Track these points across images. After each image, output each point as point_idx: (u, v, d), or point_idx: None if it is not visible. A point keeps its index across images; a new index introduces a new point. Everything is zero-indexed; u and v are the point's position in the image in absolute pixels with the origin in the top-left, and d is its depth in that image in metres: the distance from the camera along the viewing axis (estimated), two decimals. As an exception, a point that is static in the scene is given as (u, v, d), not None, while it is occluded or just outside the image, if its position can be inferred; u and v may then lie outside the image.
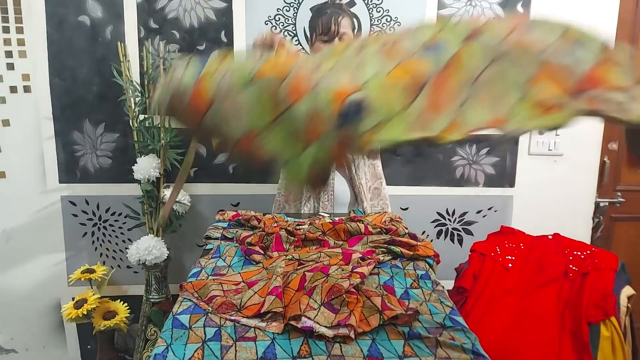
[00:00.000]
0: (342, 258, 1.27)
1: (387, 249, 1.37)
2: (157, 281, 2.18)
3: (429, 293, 1.16)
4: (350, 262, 1.24)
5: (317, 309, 1.01)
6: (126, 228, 2.33)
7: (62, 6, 2.10)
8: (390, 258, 1.35)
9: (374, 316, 1.00)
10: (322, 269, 1.17)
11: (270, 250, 1.35)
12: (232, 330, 0.99)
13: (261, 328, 1.00)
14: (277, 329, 0.99)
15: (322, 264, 1.23)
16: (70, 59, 2.15)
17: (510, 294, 1.78)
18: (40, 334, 2.40)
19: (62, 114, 2.19)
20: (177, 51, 2.17)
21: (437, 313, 1.06)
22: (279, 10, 2.16)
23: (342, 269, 1.19)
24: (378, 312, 1.00)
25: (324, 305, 1.02)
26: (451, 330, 0.99)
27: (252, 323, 1.02)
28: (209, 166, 2.29)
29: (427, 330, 0.98)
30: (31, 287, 2.34)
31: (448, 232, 2.41)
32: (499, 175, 2.36)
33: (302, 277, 1.15)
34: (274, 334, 0.98)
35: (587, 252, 1.77)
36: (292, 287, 1.12)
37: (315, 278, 1.13)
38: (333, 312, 1.00)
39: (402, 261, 1.33)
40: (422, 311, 1.06)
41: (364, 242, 1.40)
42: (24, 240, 2.29)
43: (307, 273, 1.16)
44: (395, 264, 1.32)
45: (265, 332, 0.98)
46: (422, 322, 1.01)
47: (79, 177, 2.26)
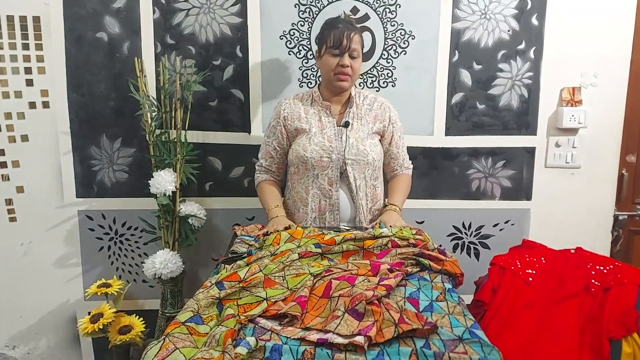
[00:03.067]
0: (370, 269, 1.28)
1: (416, 261, 1.38)
2: (172, 295, 2.18)
3: (454, 306, 1.16)
4: (378, 273, 1.26)
5: (341, 317, 1.03)
6: (142, 242, 2.33)
7: (81, 23, 2.13)
8: (418, 270, 1.36)
9: (389, 329, 1.00)
10: (348, 279, 1.20)
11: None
12: (251, 332, 1.02)
13: (276, 331, 1.02)
14: (290, 334, 1.01)
15: (350, 273, 1.25)
16: (88, 74, 2.18)
17: (530, 308, 1.76)
18: (56, 348, 2.40)
19: (79, 129, 2.21)
20: (193, 66, 2.19)
21: (458, 326, 1.06)
22: (293, 25, 2.18)
23: (368, 280, 1.21)
24: (394, 325, 1.01)
25: (348, 312, 1.04)
26: (468, 342, 0.99)
27: (269, 325, 1.04)
28: (224, 180, 2.30)
29: (444, 343, 0.98)
30: (47, 301, 2.34)
31: (464, 246, 2.38)
32: (516, 188, 2.33)
33: (328, 284, 1.18)
34: (287, 338, 0.99)
35: (610, 266, 1.74)
36: (316, 294, 1.16)
37: (340, 287, 1.15)
38: (357, 318, 1.02)
39: (430, 273, 1.34)
40: (442, 324, 1.06)
41: (393, 254, 1.41)
42: (41, 254, 2.30)
43: (334, 281, 1.19)
44: (423, 275, 1.33)
45: (280, 336, 1.00)
46: (440, 335, 1.01)
47: (95, 192, 2.27)
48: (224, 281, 1.21)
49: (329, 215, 1.78)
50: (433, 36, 2.20)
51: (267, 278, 1.23)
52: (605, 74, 2.23)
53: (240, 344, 0.92)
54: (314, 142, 1.76)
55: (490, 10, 2.18)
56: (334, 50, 1.73)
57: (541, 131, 2.29)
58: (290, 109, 1.83)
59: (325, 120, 1.81)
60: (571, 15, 2.18)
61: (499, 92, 2.25)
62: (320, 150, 1.75)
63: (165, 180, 2.05)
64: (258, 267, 1.27)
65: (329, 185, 1.77)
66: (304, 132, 1.79)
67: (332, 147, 1.76)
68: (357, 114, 1.83)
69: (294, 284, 1.21)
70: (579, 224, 2.36)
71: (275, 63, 2.21)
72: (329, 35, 1.73)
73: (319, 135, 1.77)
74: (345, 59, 1.72)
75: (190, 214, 2.13)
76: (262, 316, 1.08)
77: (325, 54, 1.75)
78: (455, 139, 2.28)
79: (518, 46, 2.21)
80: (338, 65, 1.73)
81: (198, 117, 2.21)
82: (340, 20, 1.79)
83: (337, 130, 1.79)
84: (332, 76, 1.75)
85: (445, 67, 2.22)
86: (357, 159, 1.77)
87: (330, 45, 1.73)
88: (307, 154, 1.75)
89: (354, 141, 1.78)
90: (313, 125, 1.80)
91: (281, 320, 1.07)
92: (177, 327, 1.01)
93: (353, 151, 1.77)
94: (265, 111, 2.23)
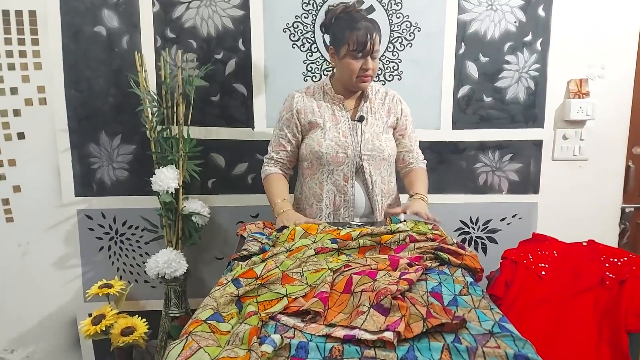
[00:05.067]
0: (389, 264, 1.25)
1: (435, 255, 1.35)
2: (176, 295, 2.13)
3: (479, 300, 1.12)
4: (397, 268, 1.23)
5: (367, 312, 1.00)
6: (144, 241, 2.28)
7: (78, 17, 2.08)
8: (438, 264, 1.32)
9: (417, 323, 0.97)
10: (369, 274, 1.17)
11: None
12: (273, 330, 0.99)
13: (299, 328, 0.99)
14: (314, 330, 0.98)
15: (370, 268, 1.22)
16: (86, 70, 2.12)
17: (545, 303, 1.73)
18: (56, 351, 2.34)
19: (78, 126, 2.16)
20: (194, 60, 2.14)
21: (486, 320, 1.02)
22: (297, 18, 2.13)
23: (389, 274, 1.18)
24: (422, 320, 0.98)
25: (374, 307, 1.02)
26: (499, 336, 0.95)
27: (291, 322, 1.02)
28: (227, 177, 2.25)
29: (474, 337, 0.95)
30: (47, 303, 2.29)
31: (472, 241, 2.35)
32: (523, 182, 2.31)
33: (349, 279, 1.15)
34: (312, 335, 0.97)
35: (624, 258, 1.72)
36: (337, 290, 1.13)
37: (362, 282, 1.13)
38: (383, 314, 1.00)
39: (449, 267, 1.31)
40: (470, 318, 1.03)
41: (411, 248, 1.38)
42: (40, 255, 2.24)
43: (354, 276, 1.16)
44: (443, 270, 1.29)
45: (303, 332, 0.98)
46: (469, 330, 0.98)
47: (95, 190, 2.22)
48: (240, 278, 1.16)
49: (344, 211, 1.74)
50: (439, 28, 2.16)
51: (285, 274, 1.19)
52: (612, 66, 2.21)
53: (266, 342, 0.88)
54: (328, 137, 1.70)
55: (497, 1, 2.15)
56: (356, 53, 1.62)
57: (548, 124, 2.26)
58: (303, 103, 1.76)
59: (339, 115, 1.75)
60: (578, 6, 2.15)
61: (505, 85, 2.22)
62: (336, 146, 1.69)
63: (168, 177, 1.99)
64: (274, 264, 1.23)
65: (344, 181, 1.72)
66: (317, 126, 1.73)
67: (348, 143, 1.70)
68: (370, 108, 1.77)
69: (314, 280, 1.17)
70: (587, 217, 2.34)
71: (278, 56, 2.16)
72: (351, 37, 1.60)
73: (333, 130, 1.72)
74: (369, 62, 1.64)
75: (194, 211, 2.08)
76: (284, 313, 1.05)
77: (347, 56, 1.63)
78: (462, 133, 2.25)
79: (525, 38, 2.19)
80: (361, 68, 1.64)
81: (200, 113, 2.16)
82: (357, 17, 1.65)
83: (351, 125, 1.74)
84: (355, 79, 1.67)
85: (451, 59, 2.19)
86: (373, 155, 1.72)
87: (353, 49, 1.61)
88: (322, 150, 1.69)
89: (369, 136, 1.72)
90: (327, 120, 1.73)
91: (303, 317, 1.03)
92: (199, 325, 0.97)
93: (369, 146, 1.71)
94: (269, 106, 2.19)
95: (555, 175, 2.30)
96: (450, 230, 2.33)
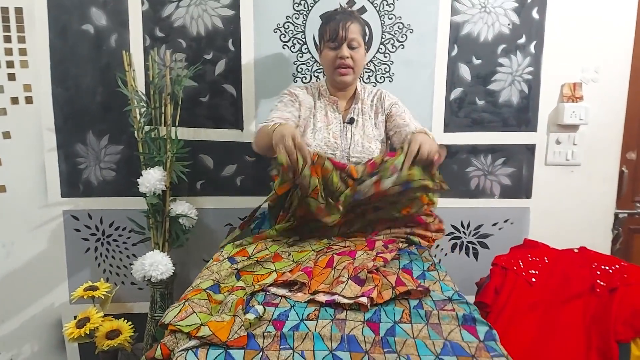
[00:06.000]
0: (366, 245, 1.45)
1: (407, 238, 1.58)
2: (162, 298, 2.10)
3: (444, 274, 1.32)
4: (374, 248, 1.42)
5: (345, 282, 1.17)
6: (130, 243, 2.25)
7: (66, 14, 2.04)
8: (407, 245, 1.54)
9: (387, 291, 1.15)
10: (349, 254, 1.36)
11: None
12: (262, 298, 1.16)
13: (287, 296, 1.16)
14: (300, 299, 1.14)
15: (350, 249, 1.41)
16: (74, 68, 2.09)
17: (534, 309, 1.71)
18: (40, 354, 2.31)
19: (64, 125, 2.12)
20: (183, 60, 2.11)
21: (448, 290, 1.22)
22: (288, 18, 2.11)
23: (367, 253, 1.36)
24: (391, 288, 1.16)
25: (352, 279, 1.19)
26: (456, 302, 1.14)
27: (280, 292, 1.18)
28: (215, 179, 2.22)
29: (435, 303, 1.13)
30: (31, 304, 2.25)
31: (463, 246, 2.33)
32: (515, 186, 2.28)
33: (331, 258, 1.34)
34: (295, 302, 1.13)
35: (615, 266, 1.70)
36: (320, 265, 1.31)
37: (342, 260, 1.31)
38: (359, 284, 1.17)
39: (418, 249, 1.53)
40: (434, 288, 1.21)
41: (386, 233, 1.58)
42: (24, 256, 2.21)
43: (336, 256, 1.34)
44: (412, 250, 1.51)
45: (288, 300, 1.15)
46: (432, 297, 1.17)
47: (81, 191, 2.18)
48: (235, 256, 1.35)
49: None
50: (432, 30, 2.14)
51: (276, 254, 1.38)
52: (606, 70, 2.19)
53: (250, 311, 1.05)
54: (318, 137, 1.68)
55: (490, 3, 2.12)
56: (331, 43, 1.66)
57: (541, 128, 2.24)
58: (305, 98, 1.74)
59: (332, 116, 1.73)
60: (572, 9, 2.12)
61: (498, 88, 2.20)
62: (324, 147, 1.67)
63: (155, 178, 1.96)
64: (264, 245, 1.41)
65: None
66: (310, 125, 1.72)
67: (337, 144, 1.68)
68: (361, 109, 1.75)
69: (299, 258, 1.37)
70: (579, 222, 2.31)
71: (268, 57, 2.13)
72: (326, 29, 1.67)
73: (324, 130, 1.70)
74: (343, 50, 1.65)
75: (181, 213, 2.06)
76: (274, 285, 1.21)
77: (325, 48, 1.69)
78: (454, 136, 2.23)
79: (518, 40, 2.16)
80: (337, 57, 1.65)
81: (189, 114, 2.13)
82: (336, 12, 1.72)
83: (342, 127, 1.72)
84: (333, 71, 1.68)
85: (444, 61, 2.16)
86: (362, 157, 1.68)
87: (328, 39, 1.66)
88: (310, 149, 1.66)
89: (359, 138, 1.70)
90: (319, 120, 1.72)
91: (291, 287, 1.20)
92: (198, 294, 1.11)
93: (358, 149, 1.69)
94: (259, 107, 2.16)
95: (547, 180, 2.28)
96: (441, 234, 2.30)
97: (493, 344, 0.99)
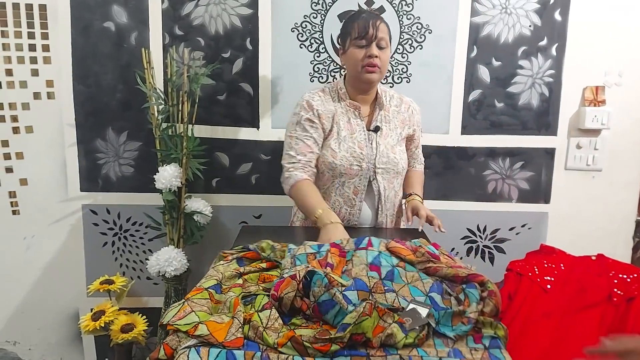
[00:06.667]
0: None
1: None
2: (176, 293, 2.12)
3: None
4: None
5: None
6: (147, 238, 2.28)
7: (88, 12, 2.08)
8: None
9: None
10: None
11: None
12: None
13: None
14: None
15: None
16: (95, 65, 2.12)
17: (548, 317, 1.67)
18: (58, 345, 2.36)
19: (85, 121, 2.16)
20: (201, 59, 2.12)
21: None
22: (305, 18, 2.11)
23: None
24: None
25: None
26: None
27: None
28: (231, 177, 2.23)
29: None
30: (49, 296, 2.30)
31: (479, 250, 2.30)
32: (534, 191, 2.25)
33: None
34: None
35: (634, 275, 1.65)
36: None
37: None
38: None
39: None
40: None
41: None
42: (44, 249, 2.26)
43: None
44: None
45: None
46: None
47: (100, 186, 2.22)
48: (244, 258, 1.30)
49: (346, 224, 1.65)
50: (451, 31, 2.11)
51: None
52: (630, 73, 2.14)
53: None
54: (343, 148, 1.61)
55: (511, 4, 2.09)
56: (359, 41, 1.57)
57: (562, 132, 2.20)
58: (323, 106, 1.65)
59: (354, 123, 1.65)
60: (596, 11, 2.08)
61: (518, 90, 2.16)
62: (350, 158, 1.61)
63: (171, 175, 1.99)
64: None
65: (353, 194, 1.64)
66: (332, 134, 1.64)
67: (363, 155, 1.61)
68: (385, 117, 1.69)
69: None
70: (599, 229, 2.27)
71: (286, 56, 2.14)
72: (353, 27, 1.58)
73: (348, 140, 1.62)
74: (373, 48, 1.55)
75: (196, 210, 2.07)
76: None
77: (351, 46, 1.59)
78: (471, 138, 2.20)
79: (539, 42, 2.12)
80: (366, 56, 1.56)
81: (206, 112, 2.14)
82: (362, 11, 1.68)
83: (367, 135, 1.65)
84: (360, 69, 1.58)
85: (462, 63, 2.14)
86: (387, 168, 1.64)
87: (356, 36, 1.56)
88: (336, 161, 1.61)
89: (384, 148, 1.64)
90: (342, 128, 1.64)
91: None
92: (199, 293, 1.08)
93: (384, 159, 1.63)
94: (275, 106, 2.17)
95: (567, 185, 2.23)
96: (457, 238, 2.28)
97: (498, 352, 0.96)
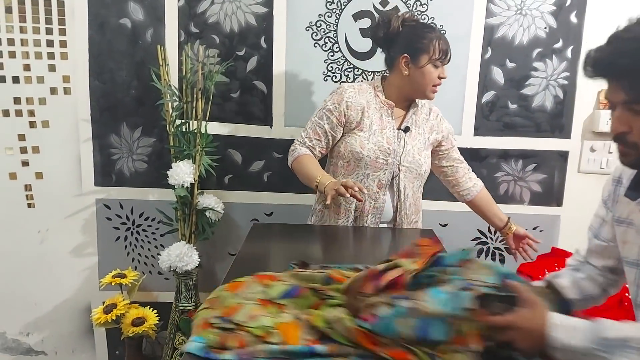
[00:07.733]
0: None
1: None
2: (187, 289, 2.14)
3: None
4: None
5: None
6: (159, 234, 2.30)
7: (105, 8, 2.10)
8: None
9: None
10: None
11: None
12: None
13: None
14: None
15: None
16: (110, 61, 2.15)
17: (558, 321, 1.67)
18: (70, 337, 2.39)
19: (100, 116, 2.19)
20: (216, 56, 2.14)
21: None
22: (320, 17, 2.11)
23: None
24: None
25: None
26: None
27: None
28: (243, 174, 2.25)
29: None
30: (62, 289, 2.33)
31: (489, 252, 2.29)
32: (546, 194, 2.24)
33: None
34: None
35: (646, 279, 1.64)
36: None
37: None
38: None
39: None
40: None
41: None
42: (58, 242, 2.29)
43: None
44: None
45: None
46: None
47: (114, 181, 2.25)
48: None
49: (371, 217, 1.70)
50: (465, 32, 2.11)
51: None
52: (646, 77, 2.12)
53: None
54: (372, 140, 1.66)
55: (527, 5, 2.08)
56: (439, 62, 1.62)
57: (576, 134, 2.18)
58: (355, 99, 1.68)
59: (386, 120, 1.69)
60: (612, 13, 2.06)
61: (532, 92, 2.15)
62: (378, 151, 1.65)
63: (184, 171, 2.00)
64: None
65: (377, 188, 1.68)
66: (363, 127, 1.67)
67: (390, 150, 1.66)
68: (415, 120, 1.74)
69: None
70: (612, 233, 2.25)
71: (300, 55, 2.15)
72: (435, 46, 1.60)
73: (378, 134, 1.67)
74: (445, 71, 1.65)
75: (208, 206, 2.09)
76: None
77: (429, 64, 1.62)
78: (484, 140, 2.19)
79: (555, 44, 2.11)
80: (437, 77, 1.64)
81: (219, 109, 2.16)
82: (435, 28, 1.71)
83: (396, 134, 1.69)
84: (429, 88, 1.65)
85: (476, 64, 2.13)
86: (411, 168, 1.69)
87: (437, 57, 1.61)
88: (363, 152, 1.64)
89: (410, 148, 1.69)
90: (374, 123, 1.68)
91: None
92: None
93: (409, 159, 1.68)
94: (288, 105, 2.18)
95: (580, 188, 2.22)
96: (467, 239, 2.28)
97: None
